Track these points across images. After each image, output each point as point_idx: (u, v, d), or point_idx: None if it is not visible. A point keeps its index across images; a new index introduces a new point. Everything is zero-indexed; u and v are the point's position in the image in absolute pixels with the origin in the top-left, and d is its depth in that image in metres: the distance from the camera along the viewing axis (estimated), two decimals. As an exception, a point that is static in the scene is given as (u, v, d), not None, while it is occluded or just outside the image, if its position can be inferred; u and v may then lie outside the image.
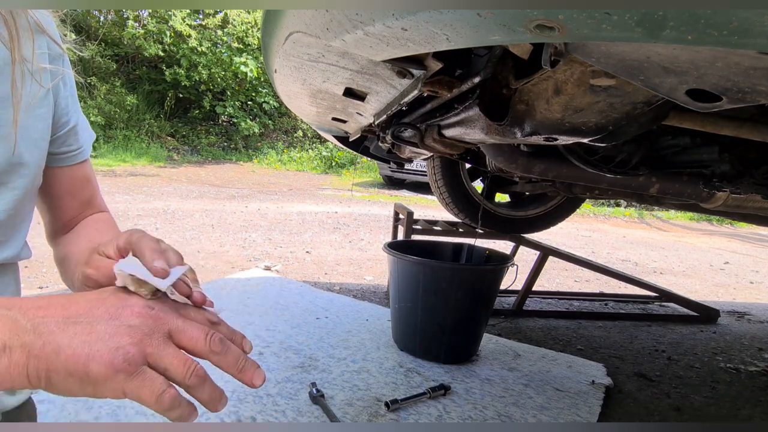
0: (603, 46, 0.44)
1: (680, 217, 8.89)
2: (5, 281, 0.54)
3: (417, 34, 0.45)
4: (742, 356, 1.83)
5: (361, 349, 1.45)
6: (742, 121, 0.74)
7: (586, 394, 1.29)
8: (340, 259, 3.02)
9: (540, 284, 2.65)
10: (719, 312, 2.33)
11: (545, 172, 1.21)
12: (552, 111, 0.69)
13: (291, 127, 11.88)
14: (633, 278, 2.35)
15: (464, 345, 1.45)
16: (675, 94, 0.45)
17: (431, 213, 5.04)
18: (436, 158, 2.05)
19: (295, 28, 0.65)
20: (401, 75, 0.73)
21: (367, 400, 1.12)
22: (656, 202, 1.49)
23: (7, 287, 0.55)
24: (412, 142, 1.12)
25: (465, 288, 1.39)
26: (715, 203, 1.25)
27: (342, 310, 1.83)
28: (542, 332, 1.91)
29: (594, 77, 0.58)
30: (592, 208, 8.40)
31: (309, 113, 1.29)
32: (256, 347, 1.34)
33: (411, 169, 7.87)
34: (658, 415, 1.27)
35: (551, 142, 0.77)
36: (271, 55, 0.86)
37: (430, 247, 1.73)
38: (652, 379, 1.51)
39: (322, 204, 6.02)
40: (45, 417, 0.95)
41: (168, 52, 10.22)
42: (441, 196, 2.16)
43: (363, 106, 1.02)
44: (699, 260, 4.56)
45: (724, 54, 0.37)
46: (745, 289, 3.35)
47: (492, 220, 2.18)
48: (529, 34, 0.37)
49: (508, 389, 1.27)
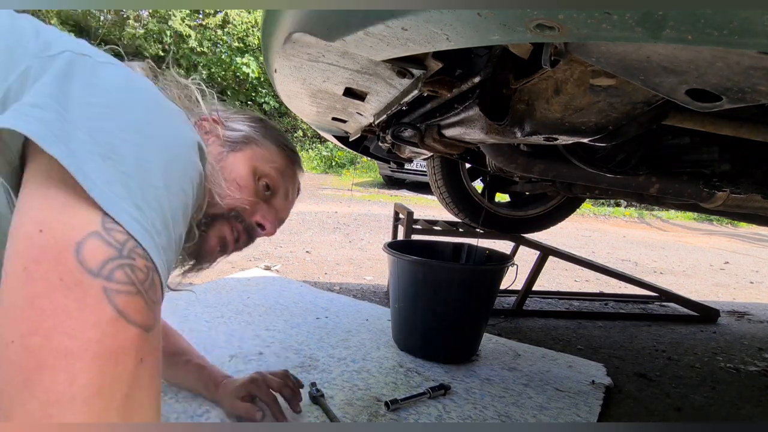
0: (603, 45, 0.44)
1: (680, 217, 8.89)
2: None
3: (417, 33, 0.45)
4: (742, 356, 1.83)
5: (361, 349, 1.45)
6: (742, 121, 0.74)
7: (586, 394, 1.29)
8: (340, 258, 3.02)
9: (540, 284, 2.64)
10: (719, 312, 2.33)
11: (545, 172, 1.21)
12: (552, 111, 0.69)
13: (291, 126, 11.88)
14: (633, 278, 2.35)
15: (464, 345, 1.45)
16: (675, 94, 0.45)
17: (431, 213, 5.04)
18: (436, 158, 2.05)
19: (295, 28, 0.65)
20: (401, 75, 0.73)
21: (367, 400, 1.12)
22: (656, 202, 1.49)
23: None
24: (412, 142, 1.12)
25: (465, 288, 1.39)
26: (715, 203, 1.25)
27: (342, 310, 1.83)
28: (542, 332, 1.91)
29: (594, 77, 0.58)
30: (592, 208, 8.40)
31: (309, 113, 1.29)
32: (256, 347, 1.34)
33: (411, 169, 7.87)
34: (658, 415, 1.27)
35: (551, 141, 0.77)
36: (271, 54, 0.86)
37: (430, 247, 1.73)
38: (652, 379, 1.51)
39: (322, 204, 6.02)
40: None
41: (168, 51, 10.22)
42: (441, 196, 2.16)
43: (363, 106, 1.03)
44: (699, 260, 4.56)
45: (724, 54, 0.37)
46: (745, 289, 3.35)
47: (492, 219, 2.18)
48: (529, 34, 0.37)
49: (508, 389, 1.27)
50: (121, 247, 0.36)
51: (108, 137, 0.38)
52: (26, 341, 0.31)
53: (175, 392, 1.06)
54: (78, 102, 0.39)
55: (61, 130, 0.36)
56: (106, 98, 0.41)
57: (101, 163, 0.37)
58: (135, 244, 0.37)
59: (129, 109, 0.41)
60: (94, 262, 0.34)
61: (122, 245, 0.36)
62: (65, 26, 9.26)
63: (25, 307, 0.32)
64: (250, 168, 0.67)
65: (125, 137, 0.39)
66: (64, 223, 0.35)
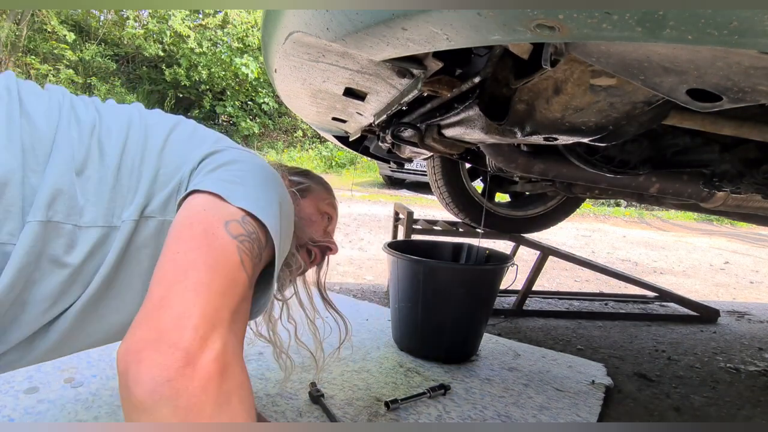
0: (603, 45, 0.44)
1: (680, 217, 8.89)
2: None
3: (417, 33, 0.45)
4: (742, 356, 1.83)
5: (361, 348, 1.45)
6: (743, 121, 0.74)
7: (586, 394, 1.29)
8: (340, 259, 3.02)
9: (540, 284, 2.65)
10: (719, 312, 2.33)
11: (545, 172, 1.21)
12: (552, 110, 0.69)
13: (291, 126, 11.88)
14: (633, 278, 2.35)
15: (464, 345, 1.45)
16: (675, 94, 0.45)
17: (431, 213, 5.04)
18: (436, 158, 2.05)
19: (295, 28, 0.65)
20: (401, 75, 0.73)
21: (367, 400, 1.12)
22: (656, 201, 1.48)
23: None
24: (412, 142, 1.12)
25: (465, 288, 1.39)
26: (715, 203, 1.25)
27: (342, 309, 1.82)
28: (542, 332, 1.91)
29: (594, 77, 0.58)
30: (592, 208, 8.40)
31: (309, 113, 1.29)
32: (256, 347, 1.34)
33: (411, 169, 7.87)
34: (658, 415, 1.27)
35: (551, 141, 0.77)
36: (271, 54, 0.86)
37: (430, 247, 1.73)
38: (652, 379, 1.51)
39: (322, 204, 6.00)
40: (45, 417, 0.95)
41: (168, 51, 10.21)
42: (441, 196, 2.16)
43: (363, 106, 1.02)
44: (699, 260, 4.57)
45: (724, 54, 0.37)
46: (745, 289, 3.35)
47: (492, 219, 2.18)
48: (529, 34, 0.37)
49: (508, 389, 1.28)
50: (251, 231, 0.59)
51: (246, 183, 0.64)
52: (187, 256, 0.53)
53: (175, 392, 1.06)
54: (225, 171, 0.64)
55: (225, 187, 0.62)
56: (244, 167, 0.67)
57: (247, 190, 0.62)
58: (259, 232, 0.60)
59: (256, 173, 0.67)
60: (234, 233, 0.57)
61: (252, 231, 0.59)
62: (65, 26, 9.26)
63: (191, 240, 0.54)
64: (316, 208, 0.90)
65: (255, 183, 0.65)
66: (222, 212, 0.58)
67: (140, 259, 0.61)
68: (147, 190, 0.61)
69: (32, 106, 0.58)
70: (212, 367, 0.47)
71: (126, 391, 0.45)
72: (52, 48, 9.10)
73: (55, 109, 0.60)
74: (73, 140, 0.58)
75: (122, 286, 0.61)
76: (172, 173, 0.63)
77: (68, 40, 8.98)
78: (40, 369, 1.12)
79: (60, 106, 0.61)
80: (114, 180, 0.60)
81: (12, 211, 0.52)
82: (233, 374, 0.50)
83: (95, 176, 0.59)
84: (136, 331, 0.48)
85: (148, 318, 0.48)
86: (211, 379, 0.46)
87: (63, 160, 0.56)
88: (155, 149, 0.64)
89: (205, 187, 0.60)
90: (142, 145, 0.64)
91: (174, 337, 0.46)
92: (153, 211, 0.61)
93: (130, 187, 0.61)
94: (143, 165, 0.62)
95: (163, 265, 0.53)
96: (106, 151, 0.61)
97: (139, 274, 0.62)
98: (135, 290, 0.62)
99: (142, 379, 0.44)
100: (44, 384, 1.06)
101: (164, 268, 0.52)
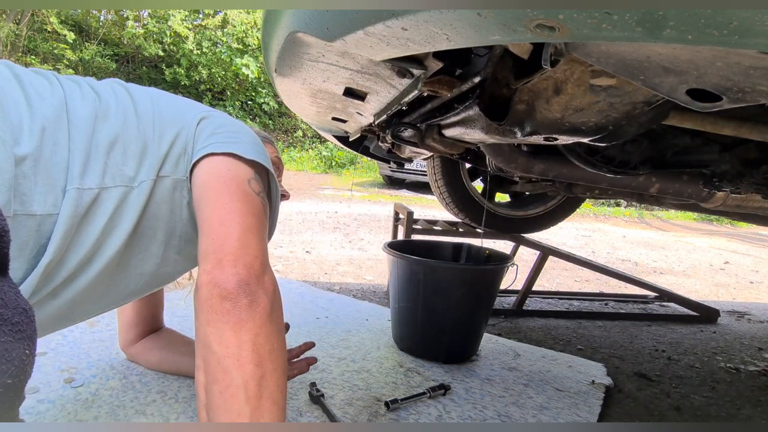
0: (603, 45, 0.44)
1: (680, 217, 8.89)
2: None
3: (417, 33, 0.45)
4: (742, 356, 1.83)
5: (361, 348, 1.45)
6: (743, 121, 0.74)
7: (586, 394, 1.29)
8: (340, 258, 3.02)
9: (540, 284, 2.65)
10: (719, 312, 2.33)
11: (545, 172, 1.22)
12: (552, 111, 0.69)
13: (291, 126, 11.88)
14: (633, 278, 2.35)
15: (464, 345, 1.45)
16: (675, 94, 0.45)
17: (431, 213, 5.04)
18: (436, 158, 2.05)
19: (295, 28, 0.65)
20: (401, 75, 0.73)
21: (367, 400, 1.12)
22: (656, 201, 1.48)
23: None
24: (412, 142, 1.12)
25: (465, 288, 1.39)
26: (715, 203, 1.25)
27: (342, 309, 1.83)
28: (542, 332, 1.91)
29: (594, 77, 0.58)
30: (592, 208, 8.41)
31: (309, 113, 1.29)
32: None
33: (411, 169, 7.87)
34: (658, 414, 1.27)
35: (551, 141, 0.77)
36: (271, 54, 0.86)
37: (430, 247, 1.73)
38: (652, 379, 1.51)
39: (322, 203, 6.01)
40: (45, 417, 0.95)
41: (168, 51, 10.21)
42: (441, 196, 2.16)
43: (363, 106, 1.03)
44: (699, 260, 4.57)
45: (724, 54, 0.37)
46: (745, 289, 3.35)
47: (492, 219, 2.18)
48: (529, 34, 0.37)
49: (508, 389, 1.27)
50: (264, 186, 0.77)
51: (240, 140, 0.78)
52: (234, 206, 0.67)
53: (174, 392, 1.06)
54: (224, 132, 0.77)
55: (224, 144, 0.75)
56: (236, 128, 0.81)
57: (246, 146, 0.76)
58: (263, 177, 0.78)
59: (242, 129, 0.81)
60: (256, 190, 0.73)
61: (263, 187, 0.75)
62: (65, 26, 9.26)
63: (232, 195, 0.68)
64: (274, 156, 1.03)
65: (246, 138, 0.78)
66: (242, 170, 0.73)
67: (160, 214, 0.72)
68: (155, 151, 0.70)
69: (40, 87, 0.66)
70: (273, 284, 0.64)
71: (215, 290, 0.58)
72: (52, 48, 9.10)
73: (57, 86, 0.67)
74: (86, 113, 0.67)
75: (147, 238, 0.72)
76: (175, 136, 0.73)
77: (68, 40, 8.98)
78: (40, 369, 1.12)
79: (61, 83, 0.68)
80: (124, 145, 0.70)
81: (54, 184, 0.60)
82: (279, 295, 0.67)
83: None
84: (213, 256, 0.61)
85: (223, 246, 0.62)
86: (274, 291, 0.64)
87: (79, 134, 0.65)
88: (149, 114, 0.73)
89: (218, 149, 0.73)
90: (133, 111, 0.72)
91: (247, 259, 0.62)
92: (167, 171, 0.71)
93: (135, 151, 0.69)
94: (140, 129, 0.71)
95: (216, 211, 0.66)
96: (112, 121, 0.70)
97: (162, 227, 0.73)
98: (159, 241, 0.73)
99: (230, 279, 0.59)
100: (44, 384, 1.06)
101: (219, 214, 0.66)
